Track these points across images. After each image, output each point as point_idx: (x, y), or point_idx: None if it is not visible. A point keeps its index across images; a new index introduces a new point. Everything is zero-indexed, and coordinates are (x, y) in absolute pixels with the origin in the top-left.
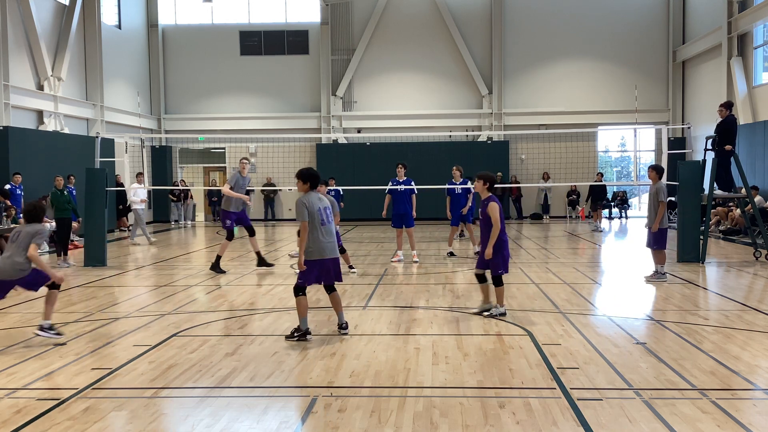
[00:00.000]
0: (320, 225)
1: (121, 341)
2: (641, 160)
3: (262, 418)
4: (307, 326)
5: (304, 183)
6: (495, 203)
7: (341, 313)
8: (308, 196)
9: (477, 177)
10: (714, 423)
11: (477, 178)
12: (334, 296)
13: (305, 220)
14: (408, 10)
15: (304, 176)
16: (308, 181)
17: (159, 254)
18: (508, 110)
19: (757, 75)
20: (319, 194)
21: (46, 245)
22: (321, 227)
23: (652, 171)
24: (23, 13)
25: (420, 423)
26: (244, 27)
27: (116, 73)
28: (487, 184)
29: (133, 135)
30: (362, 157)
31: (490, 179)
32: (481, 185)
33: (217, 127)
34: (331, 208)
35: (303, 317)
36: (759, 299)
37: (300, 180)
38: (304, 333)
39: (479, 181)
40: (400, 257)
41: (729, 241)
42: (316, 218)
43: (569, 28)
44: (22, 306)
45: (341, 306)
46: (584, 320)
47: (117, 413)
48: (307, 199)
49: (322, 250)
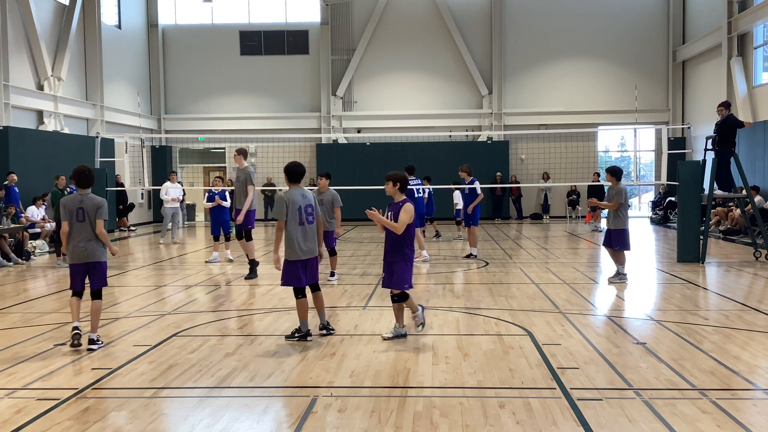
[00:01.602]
0: (299, 225)
1: (121, 341)
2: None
3: (262, 418)
4: (308, 328)
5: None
6: (410, 205)
7: (323, 314)
8: (290, 192)
9: (386, 178)
10: (714, 423)
11: (386, 180)
12: (318, 296)
13: (282, 219)
14: (408, 10)
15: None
16: (397, 182)
17: (159, 254)
18: (508, 110)
19: (757, 75)
20: (303, 190)
21: (46, 245)
22: (299, 227)
23: (609, 174)
24: (23, 13)
25: (420, 423)
26: (244, 27)
27: (116, 73)
28: (397, 185)
29: (133, 135)
30: (362, 157)
31: (400, 180)
32: (391, 187)
33: (217, 127)
34: (314, 205)
35: (303, 319)
36: (759, 299)
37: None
38: (304, 334)
39: (389, 183)
40: (426, 256)
41: (729, 241)
42: (295, 217)
43: (569, 28)
44: (21, 306)
45: (324, 306)
46: (584, 320)
47: (117, 413)
48: (289, 194)
49: (299, 252)
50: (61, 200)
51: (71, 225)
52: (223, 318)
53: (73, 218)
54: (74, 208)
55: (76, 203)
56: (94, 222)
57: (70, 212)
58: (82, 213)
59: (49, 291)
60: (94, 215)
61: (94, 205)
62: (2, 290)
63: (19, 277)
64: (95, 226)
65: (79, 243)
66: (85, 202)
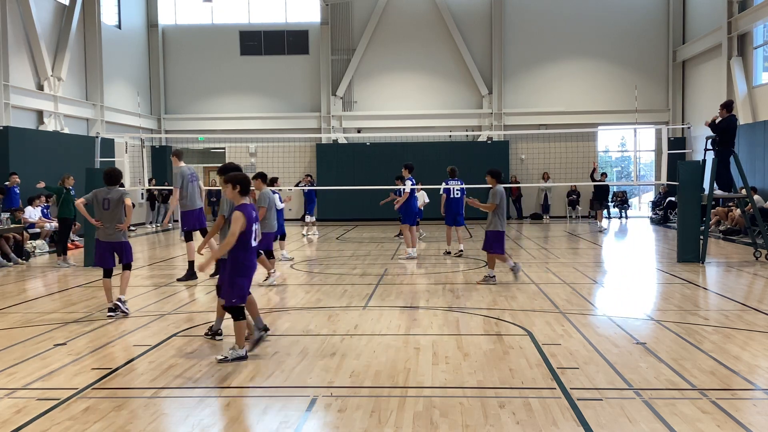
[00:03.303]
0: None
1: (121, 341)
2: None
3: (262, 418)
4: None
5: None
6: (240, 213)
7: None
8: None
9: (224, 180)
10: (714, 423)
11: (224, 182)
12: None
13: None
14: (408, 10)
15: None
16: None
17: (158, 254)
18: (508, 110)
19: (757, 75)
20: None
21: (46, 245)
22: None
23: (489, 176)
24: (23, 13)
25: (420, 423)
26: (244, 27)
27: (116, 73)
28: (237, 188)
29: (133, 135)
30: (362, 157)
31: (240, 181)
32: (230, 189)
33: (217, 127)
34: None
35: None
36: (759, 299)
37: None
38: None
39: (227, 185)
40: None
41: (729, 241)
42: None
43: (569, 28)
44: (21, 306)
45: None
46: (584, 320)
47: (117, 413)
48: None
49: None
50: (94, 190)
51: (100, 213)
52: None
53: (101, 207)
54: (102, 198)
55: (103, 194)
56: (117, 211)
57: (98, 201)
58: (107, 203)
59: (49, 291)
60: (116, 205)
61: (117, 196)
62: (2, 290)
63: (19, 277)
64: (118, 215)
65: (107, 228)
66: (111, 195)
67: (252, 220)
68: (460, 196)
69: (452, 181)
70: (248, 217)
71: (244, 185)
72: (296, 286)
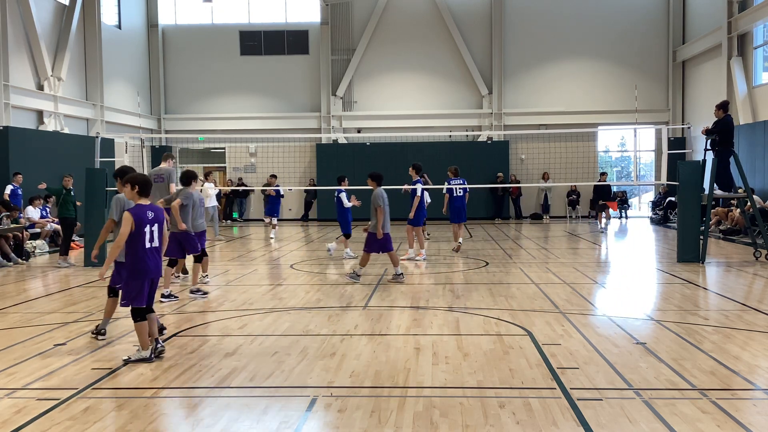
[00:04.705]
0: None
1: (121, 341)
2: (641, 160)
3: (262, 418)
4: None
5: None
6: (128, 214)
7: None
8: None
9: (123, 181)
10: (714, 423)
11: (123, 183)
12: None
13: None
14: (408, 10)
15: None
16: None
17: None
18: (508, 110)
19: (757, 75)
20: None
21: (46, 245)
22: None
23: (370, 179)
24: (23, 13)
25: (420, 423)
26: (244, 27)
27: (116, 73)
28: (136, 188)
29: (133, 135)
30: (362, 157)
31: (139, 182)
32: (129, 190)
33: (217, 127)
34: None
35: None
36: (759, 299)
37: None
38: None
39: (126, 186)
40: (411, 255)
41: (729, 241)
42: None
43: (569, 28)
44: (21, 306)
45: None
46: (584, 320)
47: (117, 413)
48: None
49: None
50: (115, 196)
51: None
52: (222, 318)
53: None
54: (197, 198)
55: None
56: None
57: (194, 202)
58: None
59: (49, 291)
60: None
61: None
62: (2, 290)
63: (19, 277)
64: None
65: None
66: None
67: (144, 222)
68: (462, 194)
69: (455, 180)
70: (137, 219)
71: (142, 186)
72: (296, 286)
